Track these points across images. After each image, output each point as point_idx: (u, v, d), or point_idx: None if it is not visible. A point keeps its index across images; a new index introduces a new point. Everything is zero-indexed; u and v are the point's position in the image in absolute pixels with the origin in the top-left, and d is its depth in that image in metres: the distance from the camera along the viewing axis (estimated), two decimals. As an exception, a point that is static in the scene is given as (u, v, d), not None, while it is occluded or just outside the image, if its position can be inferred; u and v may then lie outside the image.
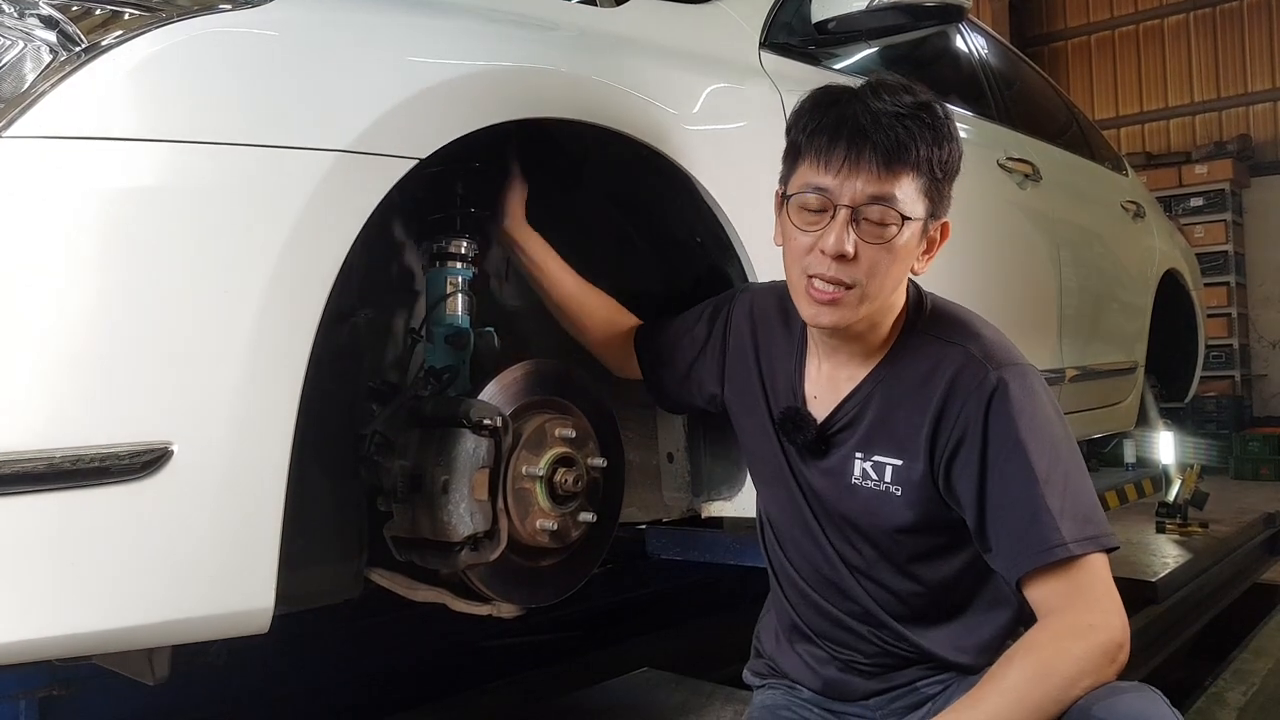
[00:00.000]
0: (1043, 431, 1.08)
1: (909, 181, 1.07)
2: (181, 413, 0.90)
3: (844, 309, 1.10)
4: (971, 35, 2.89)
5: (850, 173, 1.06)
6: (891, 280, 1.11)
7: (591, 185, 1.52)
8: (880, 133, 1.05)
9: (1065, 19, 10.32)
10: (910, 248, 1.10)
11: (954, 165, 1.11)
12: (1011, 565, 1.07)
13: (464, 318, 1.35)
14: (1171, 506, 3.53)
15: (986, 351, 1.12)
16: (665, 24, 1.59)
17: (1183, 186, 8.80)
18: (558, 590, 1.36)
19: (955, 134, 1.10)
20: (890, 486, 1.15)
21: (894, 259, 1.09)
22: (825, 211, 1.08)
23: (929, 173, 1.08)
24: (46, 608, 0.86)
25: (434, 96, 1.10)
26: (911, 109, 1.07)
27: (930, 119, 1.08)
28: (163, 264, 0.90)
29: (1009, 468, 1.07)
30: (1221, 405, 8.42)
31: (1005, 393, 1.08)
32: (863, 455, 1.18)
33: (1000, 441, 1.08)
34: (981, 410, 1.09)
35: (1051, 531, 1.03)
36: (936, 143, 1.08)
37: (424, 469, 1.20)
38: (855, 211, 1.07)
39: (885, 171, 1.06)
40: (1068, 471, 1.07)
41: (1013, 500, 1.06)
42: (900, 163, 1.06)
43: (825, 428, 1.20)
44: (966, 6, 1.81)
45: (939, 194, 1.11)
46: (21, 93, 0.88)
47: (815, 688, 1.29)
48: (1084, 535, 1.04)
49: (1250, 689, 2.38)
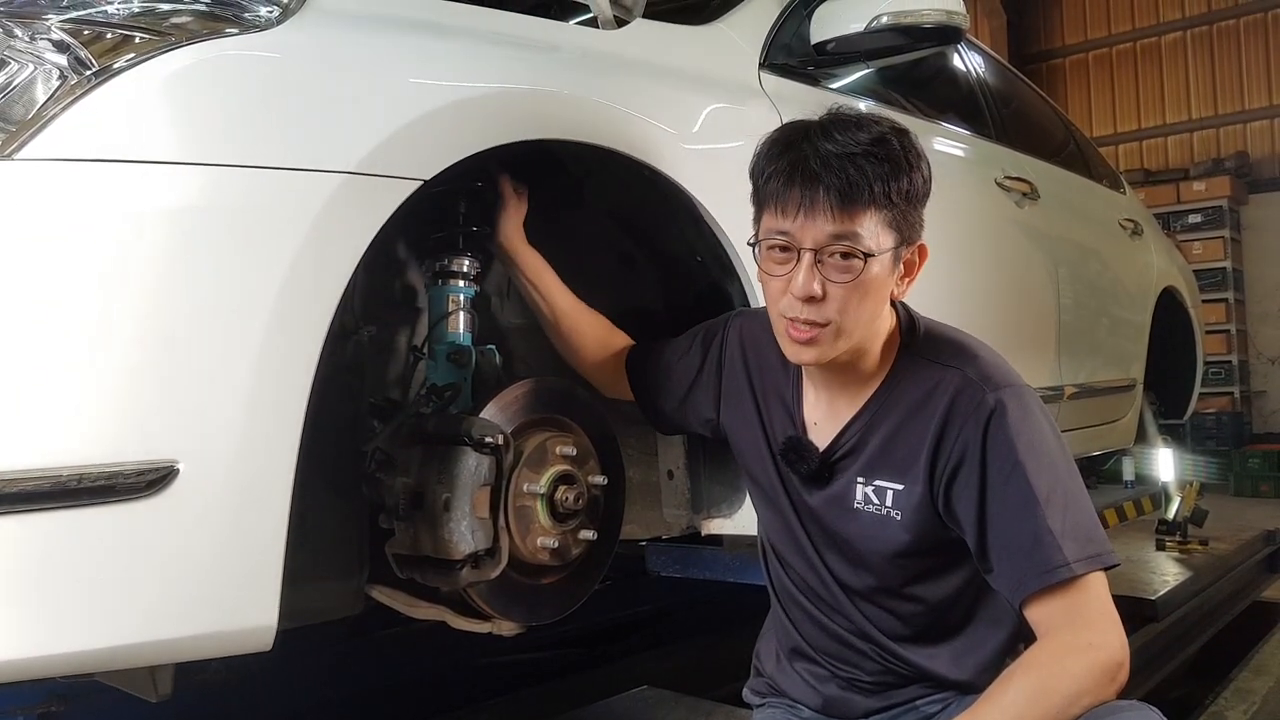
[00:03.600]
0: (1041, 452, 1.08)
1: (869, 217, 1.07)
2: (187, 431, 0.91)
3: (822, 346, 1.12)
4: (969, 54, 2.91)
5: (808, 217, 1.07)
6: (867, 313, 1.11)
7: (593, 204, 1.53)
8: (832, 175, 1.05)
9: (1063, 37, 10.38)
10: (882, 279, 1.10)
11: (919, 191, 1.11)
12: (1015, 586, 1.07)
13: (466, 335, 1.35)
14: (1171, 524, 3.52)
15: (983, 373, 1.13)
16: (666, 45, 1.61)
17: (1181, 203, 8.83)
18: (558, 608, 1.36)
19: (916, 161, 1.10)
20: (891, 511, 1.16)
21: (865, 293, 1.09)
22: (791, 253, 1.10)
23: (889, 205, 1.07)
24: (51, 625, 0.87)
25: (438, 119, 1.11)
26: (865, 146, 1.06)
27: (884, 153, 1.07)
28: (169, 284, 0.91)
29: (1009, 490, 1.07)
30: (1221, 422, 8.43)
31: (1003, 414, 1.09)
32: (864, 480, 1.18)
33: (999, 463, 1.08)
34: (980, 432, 1.09)
35: (1054, 552, 1.04)
36: (893, 175, 1.07)
37: (426, 486, 1.21)
38: (818, 253, 1.08)
39: (841, 212, 1.06)
40: (1068, 490, 1.08)
41: (1014, 522, 1.07)
42: (855, 202, 1.06)
43: (828, 455, 1.21)
44: (964, 28, 1.83)
45: (906, 222, 1.10)
46: (33, 115, 0.90)
47: (815, 706, 1.29)
48: (1085, 554, 1.05)
49: (1251, 707, 2.38)
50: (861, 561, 1.20)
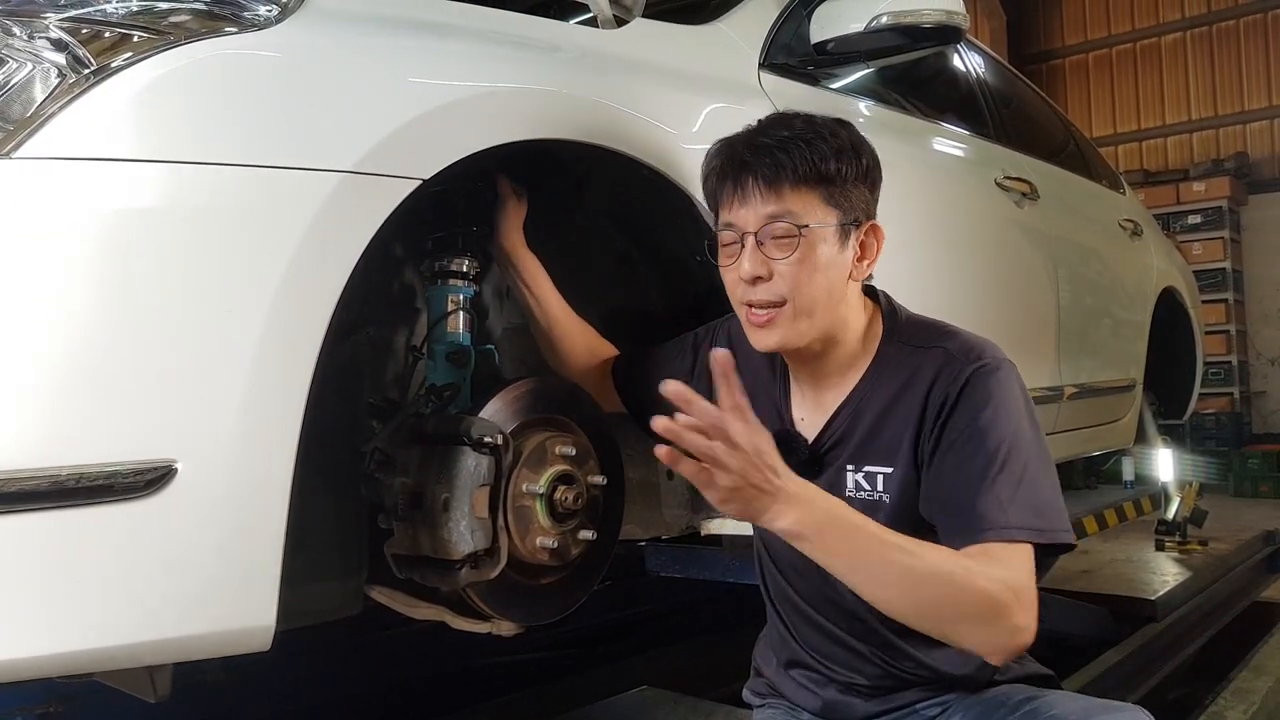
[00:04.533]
0: (1008, 420, 1.09)
1: (800, 195, 1.11)
2: (185, 431, 0.91)
3: (781, 327, 1.14)
4: (969, 54, 2.91)
5: (742, 202, 1.13)
6: (820, 290, 1.13)
7: (592, 204, 1.53)
8: (760, 161, 1.11)
9: (1063, 37, 10.39)
10: (830, 257, 1.13)
11: (856, 171, 1.13)
12: (948, 538, 1.07)
13: (465, 335, 1.35)
14: (1171, 524, 3.53)
15: (964, 348, 1.15)
16: (665, 45, 1.61)
17: (1180, 204, 8.84)
18: (557, 608, 1.36)
19: (850, 145, 1.14)
20: (881, 495, 1.16)
21: (813, 269, 1.12)
22: (736, 243, 1.15)
23: (821, 181, 1.11)
24: (49, 625, 0.86)
25: (437, 118, 1.11)
26: (794, 132, 1.12)
27: (811, 136, 1.11)
28: (168, 283, 0.91)
29: (968, 445, 1.08)
30: (1220, 422, 8.43)
31: (979, 380, 1.11)
32: (854, 468, 1.19)
33: (965, 418, 1.09)
34: (955, 395, 1.11)
35: (996, 513, 1.04)
36: (820, 156, 1.11)
37: (425, 486, 1.21)
38: (758, 235, 1.12)
39: (769, 192, 1.11)
40: (1028, 463, 1.07)
41: (964, 477, 1.07)
42: (781, 181, 1.11)
43: (816, 447, 1.21)
44: (964, 28, 1.83)
45: (847, 200, 1.13)
46: (30, 114, 0.89)
47: (814, 709, 1.28)
48: (1028, 524, 1.04)
49: (1250, 708, 2.37)
50: None
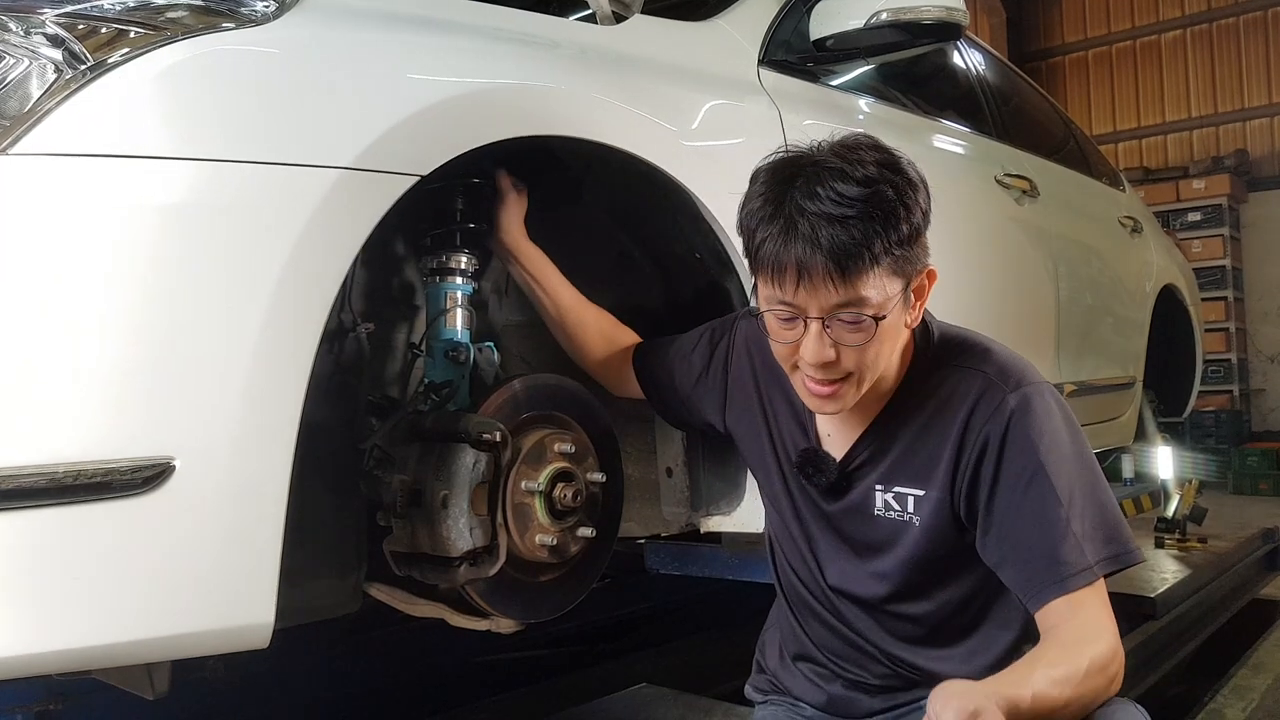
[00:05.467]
0: (1062, 454, 1.08)
1: (872, 277, 1.02)
2: (184, 428, 0.91)
3: (845, 397, 1.10)
4: (969, 51, 2.91)
5: (809, 290, 1.02)
6: (885, 356, 1.09)
7: (592, 201, 1.52)
8: (826, 243, 0.99)
9: (1063, 35, 10.37)
10: (895, 323, 1.07)
11: (918, 226, 1.05)
12: (1032, 589, 1.06)
13: (464, 332, 1.35)
14: (1170, 521, 3.53)
15: (1003, 373, 1.12)
16: (665, 41, 1.61)
17: (1180, 201, 8.83)
18: (556, 605, 1.36)
19: (913, 201, 1.04)
20: (912, 517, 1.15)
21: (880, 342, 1.06)
22: (797, 320, 1.06)
23: (891, 256, 1.02)
24: (47, 622, 0.86)
25: (435, 114, 1.11)
26: (854, 201, 1.00)
27: (877, 207, 1.00)
28: (165, 280, 0.91)
29: (1030, 492, 1.06)
30: (1220, 420, 8.42)
31: (1024, 414, 1.08)
32: (883, 488, 1.17)
33: (1020, 464, 1.07)
34: (1000, 431, 1.08)
35: (1077, 556, 1.04)
36: (892, 225, 1.01)
37: (423, 484, 1.20)
38: (825, 319, 1.04)
39: (842, 280, 1.01)
40: (1089, 488, 1.08)
41: (1035, 524, 1.06)
42: (855, 269, 1.00)
43: (845, 465, 1.20)
44: (964, 25, 1.82)
45: (910, 261, 1.05)
46: (27, 110, 0.89)
47: (819, 704, 1.28)
48: (1105, 555, 1.05)
49: (1249, 705, 2.37)
50: (877, 568, 1.19)
